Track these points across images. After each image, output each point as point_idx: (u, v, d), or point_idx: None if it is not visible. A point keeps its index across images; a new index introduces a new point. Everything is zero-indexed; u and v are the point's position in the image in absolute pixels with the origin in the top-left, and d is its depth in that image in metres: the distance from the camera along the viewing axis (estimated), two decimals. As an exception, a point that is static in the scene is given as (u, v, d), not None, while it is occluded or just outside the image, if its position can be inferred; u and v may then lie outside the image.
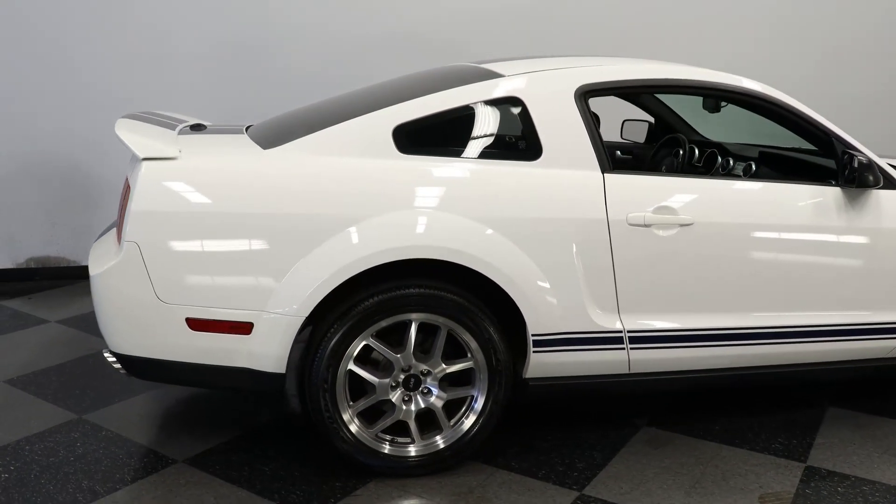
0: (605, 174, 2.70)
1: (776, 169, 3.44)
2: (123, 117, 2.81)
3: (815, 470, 2.81)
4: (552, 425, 3.06)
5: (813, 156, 3.33)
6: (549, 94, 2.73)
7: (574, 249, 2.64)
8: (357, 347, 2.54)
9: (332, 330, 2.51)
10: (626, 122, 4.30)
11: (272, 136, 2.74)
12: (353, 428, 2.60)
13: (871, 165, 2.86)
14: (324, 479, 2.63)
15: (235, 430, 2.98)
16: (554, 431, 3.01)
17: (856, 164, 2.85)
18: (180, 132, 2.78)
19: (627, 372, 2.83)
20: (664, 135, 4.02)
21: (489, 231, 2.56)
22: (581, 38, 5.29)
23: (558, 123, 2.70)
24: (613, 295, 2.72)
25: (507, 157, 2.69)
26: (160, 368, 2.57)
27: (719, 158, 3.62)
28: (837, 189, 2.95)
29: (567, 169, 2.68)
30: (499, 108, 2.72)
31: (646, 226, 2.69)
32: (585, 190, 2.67)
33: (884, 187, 3.01)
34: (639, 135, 4.30)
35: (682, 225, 2.73)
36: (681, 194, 2.76)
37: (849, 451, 2.95)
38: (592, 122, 2.75)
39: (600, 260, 2.67)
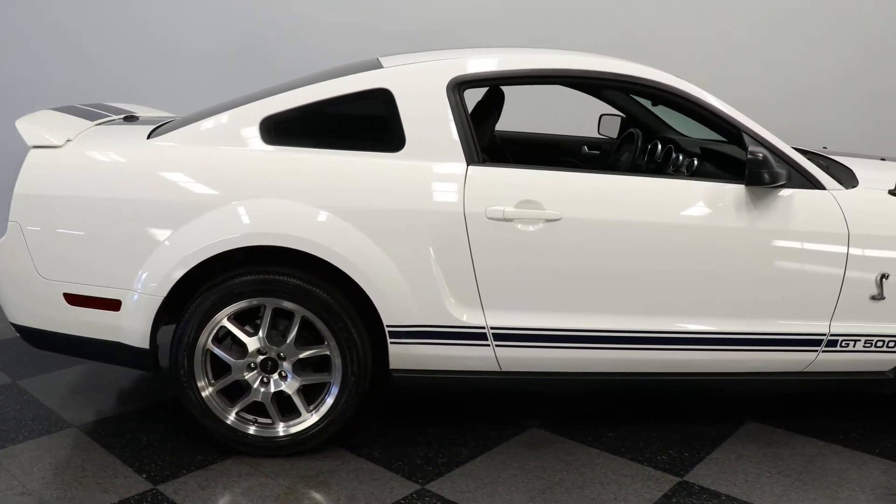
0: (470, 167, 2.66)
1: (720, 165, 3.23)
2: (50, 109, 3.07)
3: (687, 486, 2.64)
4: (438, 420, 3.05)
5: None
6: (418, 86, 2.71)
7: (429, 242, 2.62)
8: (214, 328, 2.66)
9: (189, 311, 2.65)
10: (602, 117, 4.17)
11: (168, 127, 2.90)
12: (213, 406, 2.72)
13: (765, 162, 2.64)
14: (188, 452, 2.77)
15: (141, 402, 3.18)
16: (437, 426, 3.01)
17: (750, 161, 2.65)
18: (106, 123, 3.01)
19: (499, 369, 2.78)
20: (640, 130, 3.86)
21: (341, 221, 2.59)
22: (583, 33, 5.15)
23: (425, 115, 2.68)
24: (475, 290, 2.68)
25: (369, 148, 2.69)
26: (47, 339, 2.79)
27: (673, 154, 3.45)
28: (742, 187, 2.75)
29: (429, 161, 2.66)
30: (367, 100, 2.73)
31: (507, 220, 2.63)
32: (444, 182, 2.64)
33: (805, 187, 2.79)
34: (613, 130, 4.16)
35: (548, 220, 2.65)
36: (550, 188, 2.67)
37: (739, 468, 2.75)
38: (464, 114, 2.71)
39: (458, 254, 2.64)
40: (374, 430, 2.95)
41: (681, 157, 3.42)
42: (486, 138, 3.08)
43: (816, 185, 2.83)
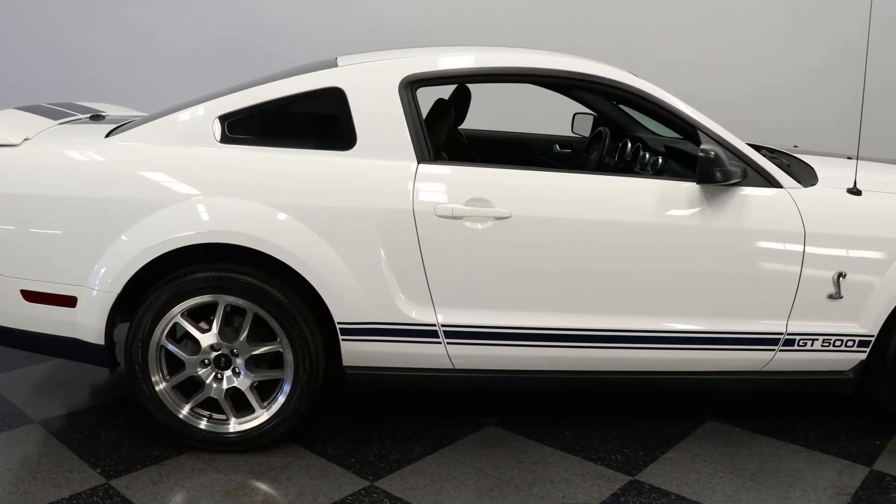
0: (421, 165, 2.67)
1: (684, 163, 3.22)
2: (15, 108, 3.11)
3: (637, 484, 2.64)
4: (396, 417, 3.06)
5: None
6: (370, 84, 2.72)
7: (379, 240, 2.63)
8: (168, 324, 2.69)
9: (144, 307, 2.67)
10: (575, 116, 4.16)
11: (128, 126, 2.93)
12: (166, 400, 2.74)
13: (717, 160, 2.63)
14: (144, 448, 2.79)
15: (104, 398, 3.20)
16: (394, 423, 3.01)
17: (701, 158, 2.63)
18: (70, 122, 3.04)
19: (452, 367, 2.78)
20: (612, 129, 3.85)
21: (291, 219, 2.60)
22: (565, 33, 5.15)
23: (376, 114, 2.69)
24: (426, 288, 2.68)
25: (322, 146, 2.71)
26: (6, 335, 2.82)
27: (641, 152, 3.44)
28: (696, 186, 2.74)
29: (380, 159, 2.67)
30: (320, 99, 2.74)
31: (455, 218, 2.63)
32: (394, 181, 2.64)
33: (762, 185, 2.77)
34: (586, 128, 4.15)
35: (497, 218, 2.65)
36: (500, 186, 2.67)
37: (693, 468, 2.74)
38: (416, 112, 2.71)
39: (408, 252, 2.65)
40: (332, 427, 2.96)
41: (647, 156, 3.41)
42: (444, 136, 3.09)
43: (773, 183, 2.81)
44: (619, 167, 3.57)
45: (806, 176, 3.01)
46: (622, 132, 3.80)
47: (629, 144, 3.61)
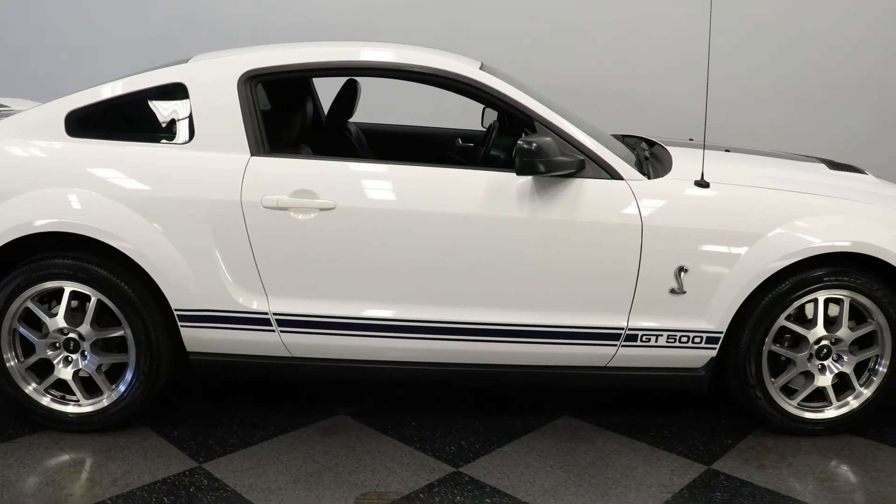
0: (253, 157, 2.74)
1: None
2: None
3: (458, 476, 2.65)
4: (252, 403, 3.13)
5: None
6: (210, 80, 2.81)
7: (210, 230, 2.71)
8: (17, 308, 2.81)
9: (-4, 293, 2.83)
10: (485, 109, 4.15)
11: None
12: (14, 377, 2.85)
13: (536, 152, 2.60)
14: (5, 427, 2.93)
15: None
16: (248, 409, 3.08)
17: (518, 149, 2.62)
18: None
19: (289, 355, 2.85)
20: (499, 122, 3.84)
21: (128, 209, 2.70)
22: (498, 28, 5.13)
23: (214, 108, 2.77)
24: (257, 276, 2.75)
25: (163, 139, 2.81)
26: None
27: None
28: (529, 177, 2.72)
29: (215, 152, 2.75)
30: (164, 94, 2.83)
31: (281, 209, 2.69)
32: (225, 173, 2.72)
33: (601, 177, 2.74)
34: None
35: (322, 209, 2.69)
36: (326, 178, 2.72)
37: (523, 462, 2.74)
38: (254, 106, 2.78)
39: (238, 242, 2.72)
40: (188, 411, 3.06)
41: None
42: (298, 129, 3.14)
43: (613, 174, 2.77)
44: (507, 161, 3.55)
45: (660, 168, 2.96)
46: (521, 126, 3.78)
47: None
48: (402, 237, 2.71)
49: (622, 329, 2.80)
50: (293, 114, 3.13)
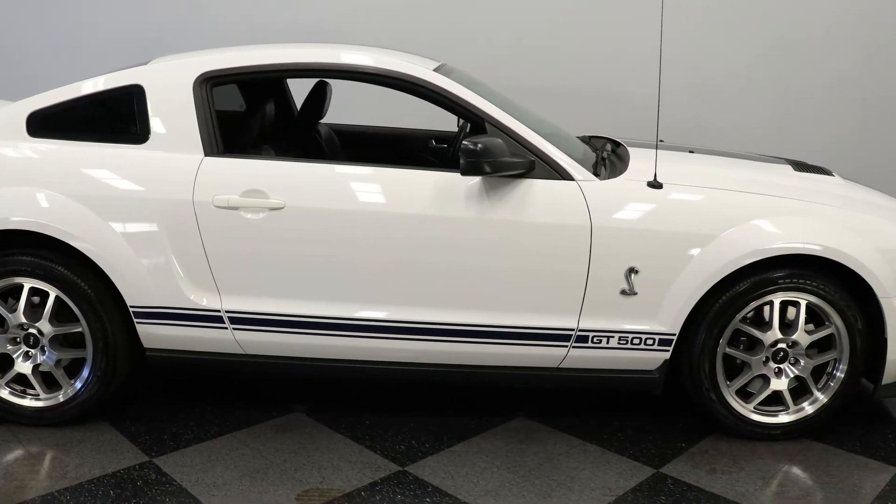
0: (207, 158, 2.78)
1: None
2: None
3: (403, 475, 2.66)
4: (211, 400, 3.15)
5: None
6: (167, 82, 2.85)
7: (164, 229, 2.75)
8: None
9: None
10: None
11: None
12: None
13: (482, 152, 2.60)
14: (-30, 419, 3.02)
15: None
16: (207, 405, 3.10)
17: (461, 150, 2.62)
18: None
19: (243, 352, 2.88)
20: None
21: (84, 208, 2.75)
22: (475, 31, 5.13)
23: (169, 109, 2.82)
24: (209, 274, 2.79)
25: (120, 140, 2.85)
26: None
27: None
28: (477, 178, 2.72)
29: (170, 152, 2.79)
30: (122, 96, 2.87)
31: (232, 208, 2.73)
32: (178, 172, 2.76)
33: (552, 177, 2.74)
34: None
35: (271, 209, 2.72)
36: (275, 178, 2.75)
37: (470, 462, 2.74)
38: (209, 107, 2.82)
39: (190, 240, 2.76)
40: (149, 405, 3.10)
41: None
42: (257, 130, 3.16)
43: (563, 175, 2.77)
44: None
45: (617, 169, 2.94)
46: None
47: None
48: (349, 237, 2.73)
49: (573, 330, 2.79)
50: (254, 115, 3.17)
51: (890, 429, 3.03)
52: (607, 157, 3.13)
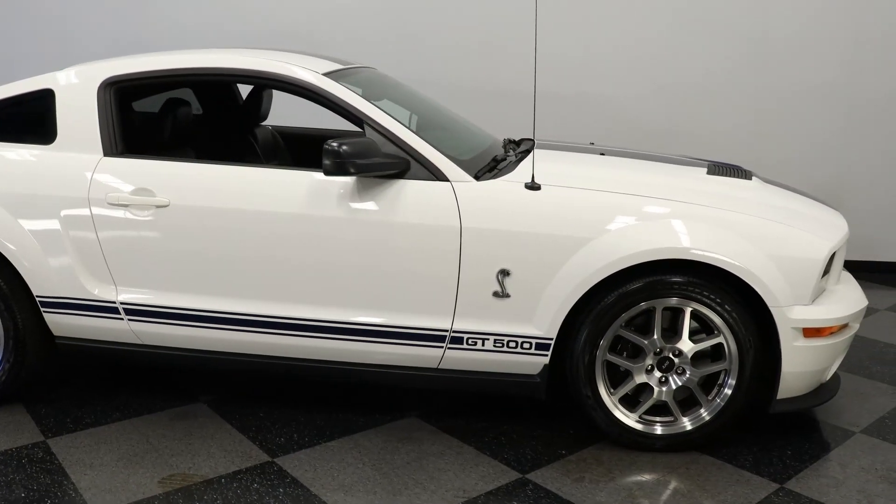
0: (105, 158, 2.93)
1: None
2: None
3: (269, 465, 2.73)
4: (127, 388, 3.29)
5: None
6: (75, 86, 3.02)
7: (63, 223, 2.92)
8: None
9: None
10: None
11: None
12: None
13: (338, 152, 2.63)
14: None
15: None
16: (119, 393, 3.24)
17: (324, 151, 2.65)
18: None
19: (139, 342, 3.01)
20: None
21: (-9, 204, 2.98)
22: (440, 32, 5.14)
23: (75, 112, 2.99)
24: (105, 268, 2.93)
25: (31, 141, 3.04)
26: None
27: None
28: (350, 178, 2.76)
29: (73, 152, 2.96)
30: (36, 100, 3.07)
31: (123, 205, 2.87)
32: (77, 171, 2.93)
33: (428, 178, 2.75)
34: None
35: (157, 206, 2.84)
36: (163, 177, 2.88)
37: (339, 459, 2.77)
38: (111, 110, 2.97)
39: (86, 235, 2.92)
40: (63, 393, 3.25)
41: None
42: (167, 133, 3.28)
43: (438, 175, 2.77)
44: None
45: (506, 170, 2.90)
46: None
47: None
48: (228, 234, 2.83)
49: (446, 331, 2.78)
50: (165, 118, 3.30)
51: (789, 446, 2.88)
52: (507, 159, 3.10)
